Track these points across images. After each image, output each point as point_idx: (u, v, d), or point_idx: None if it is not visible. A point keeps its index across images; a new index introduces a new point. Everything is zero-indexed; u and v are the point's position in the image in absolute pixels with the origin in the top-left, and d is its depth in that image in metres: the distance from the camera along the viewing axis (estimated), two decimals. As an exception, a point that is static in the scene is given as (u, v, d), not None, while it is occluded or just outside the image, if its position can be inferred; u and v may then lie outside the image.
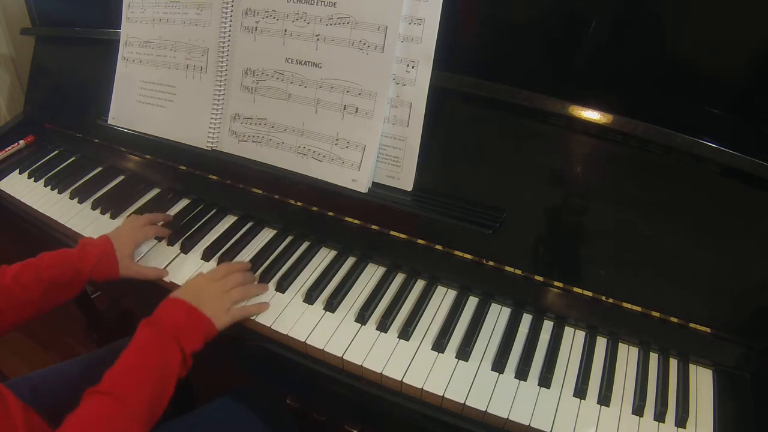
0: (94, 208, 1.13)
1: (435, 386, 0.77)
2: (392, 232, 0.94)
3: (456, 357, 0.81)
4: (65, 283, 0.86)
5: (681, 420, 0.75)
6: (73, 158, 1.30)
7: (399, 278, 0.94)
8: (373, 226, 0.95)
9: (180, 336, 0.76)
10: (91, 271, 0.88)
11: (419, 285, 0.93)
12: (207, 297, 0.83)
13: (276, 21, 0.95)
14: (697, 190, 0.79)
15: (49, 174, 1.24)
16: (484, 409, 0.75)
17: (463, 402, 0.75)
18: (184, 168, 1.13)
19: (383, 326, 0.85)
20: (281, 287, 0.91)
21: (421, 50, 0.86)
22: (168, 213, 1.09)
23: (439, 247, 0.92)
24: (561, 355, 0.82)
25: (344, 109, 0.92)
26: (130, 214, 1.09)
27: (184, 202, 1.13)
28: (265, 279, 0.93)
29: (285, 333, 0.84)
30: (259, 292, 0.90)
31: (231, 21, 1.00)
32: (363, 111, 0.91)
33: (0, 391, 0.63)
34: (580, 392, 0.77)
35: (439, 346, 0.82)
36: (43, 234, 1.14)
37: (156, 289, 0.96)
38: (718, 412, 0.77)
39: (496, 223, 0.86)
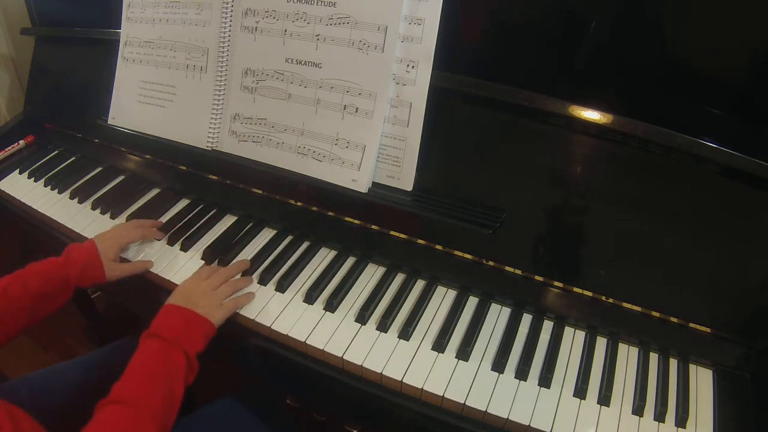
0: (94, 208, 1.13)
1: (435, 386, 0.77)
2: (392, 232, 0.94)
3: (456, 357, 0.81)
4: (54, 293, 0.86)
5: (681, 420, 0.75)
6: (73, 158, 1.30)
7: (399, 278, 0.94)
8: (373, 226, 0.95)
9: (180, 339, 0.77)
10: (77, 278, 0.88)
11: (419, 285, 0.93)
12: (197, 296, 0.84)
13: (276, 21, 0.95)
14: (697, 190, 0.79)
15: (49, 174, 1.24)
16: (484, 409, 0.75)
17: (463, 402, 0.75)
18: (184, 168, 1.13)
19: (383, 326, 0.85)
20: (281, 287, 0.91)
21: (421, 50, 0.86)
22: (168, 212, 1.10)
23: (439, 247, 0.91)
24: (561, 355, 0.82)
25: (344, 109, 0.92)
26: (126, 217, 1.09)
27: (184, 202, 1.13)
28: (265, 279, 0.93)
29: (285, 333, 0.84)
30: (245, 284, 0.91)
31: (231, 21, 1.00)
32: (363, 111, 0.91)
33: None
34: (580, 392, 0.77)
35: (439, 346, 0.82)
36: (44, 234, 1.14)
37: (156, 289, 0.96)
38: (718, 412, 0.77)
39: (496, 223, 0.85)
